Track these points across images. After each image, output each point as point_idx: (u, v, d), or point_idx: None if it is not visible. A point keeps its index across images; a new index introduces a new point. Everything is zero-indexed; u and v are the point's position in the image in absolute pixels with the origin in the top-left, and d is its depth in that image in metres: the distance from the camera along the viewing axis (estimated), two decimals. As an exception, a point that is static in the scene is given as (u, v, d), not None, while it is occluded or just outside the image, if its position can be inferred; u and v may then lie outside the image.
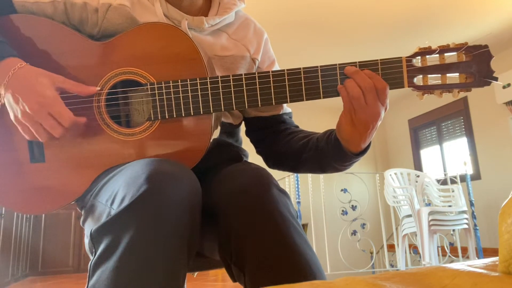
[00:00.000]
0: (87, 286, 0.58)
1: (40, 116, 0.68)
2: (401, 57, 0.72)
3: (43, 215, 4.91)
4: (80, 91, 0.73)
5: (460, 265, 0.45)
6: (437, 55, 0.72)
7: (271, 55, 0.96)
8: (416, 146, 5.57)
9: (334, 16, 3.49)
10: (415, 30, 3.78)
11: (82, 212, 0.80)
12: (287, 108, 0.94)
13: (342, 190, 3.92)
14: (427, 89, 0.73)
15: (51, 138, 0.71)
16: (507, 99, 4.02)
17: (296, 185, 3.57)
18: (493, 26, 3.75)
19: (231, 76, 0.73)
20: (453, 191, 3.63)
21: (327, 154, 0.79)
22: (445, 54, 0.72)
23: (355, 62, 0.72)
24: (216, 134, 0.78)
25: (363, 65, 0.72)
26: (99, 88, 0.75)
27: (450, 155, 5.05)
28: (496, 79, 0.71)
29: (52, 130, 0.69)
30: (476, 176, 4.52)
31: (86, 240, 0.78)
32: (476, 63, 0.71)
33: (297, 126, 0.94)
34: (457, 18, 3.60)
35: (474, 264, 0.45)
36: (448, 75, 0.72)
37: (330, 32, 3.77)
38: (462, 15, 3.54)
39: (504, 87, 3.96)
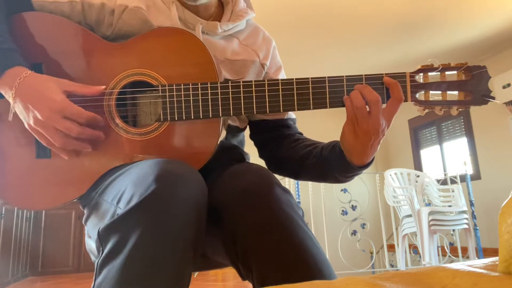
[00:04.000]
0: (94, 284, 0.58)
1: (53, 121, 0.68)
2: (405, 73, 0.74)
3: (43, 214, 4.91)
4: (86, 92, 0.73)
5: (460, 265, 0.45)
6: (439, 73, 0.75)
7: (278, 61, 0.99)
8: (416, 146, 5.57)
9: (336, 17, 3.49)
10: (415, 32, 3.78)
11: (85, 210, 0.80)
12: (291, 113, 0.96)
13: (342, 190, 3.93)
14: (428, 104, 0.75)
15: (67, 142, 0.70)
16: (507, 99, 4.02)
17: (296, 185, 3.57)
18: (493, 26, 3.75)
19: (241, 82, 0.75)
20: (453, 191, 3.63)
21: (330, 163, 0.81)
22: (446, 72, 0.75)
23: (361, 75, 0.74)
24: (222, 136, 0.79)
25: (369, 78, 0.74)
26: (104, 87, 0.75)
27: (450, 155, 5.04)
28: (493, 98, 0.73)
29: (69, 131, 0.69)
30: (476, 176, 4.52)
31: (87, 239, 0.78)
32: (475, 82, 0.74)
33: (301, 133, 0.96)
34: (457, 19, 3.60)
35: (474, 264, 0.45)
36: (448, 92, 0.75)
37: (332, 33, 3.78)
38: (462, 16, 3.54)
39: (504, 87, 3.95)
